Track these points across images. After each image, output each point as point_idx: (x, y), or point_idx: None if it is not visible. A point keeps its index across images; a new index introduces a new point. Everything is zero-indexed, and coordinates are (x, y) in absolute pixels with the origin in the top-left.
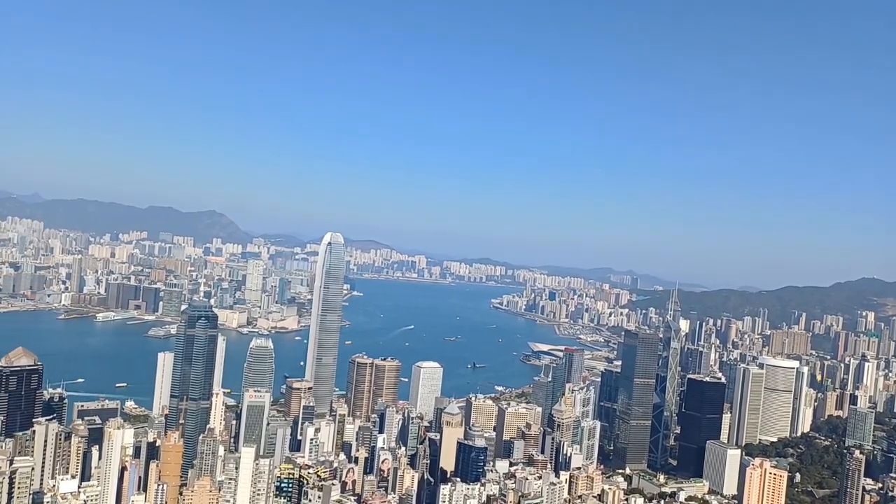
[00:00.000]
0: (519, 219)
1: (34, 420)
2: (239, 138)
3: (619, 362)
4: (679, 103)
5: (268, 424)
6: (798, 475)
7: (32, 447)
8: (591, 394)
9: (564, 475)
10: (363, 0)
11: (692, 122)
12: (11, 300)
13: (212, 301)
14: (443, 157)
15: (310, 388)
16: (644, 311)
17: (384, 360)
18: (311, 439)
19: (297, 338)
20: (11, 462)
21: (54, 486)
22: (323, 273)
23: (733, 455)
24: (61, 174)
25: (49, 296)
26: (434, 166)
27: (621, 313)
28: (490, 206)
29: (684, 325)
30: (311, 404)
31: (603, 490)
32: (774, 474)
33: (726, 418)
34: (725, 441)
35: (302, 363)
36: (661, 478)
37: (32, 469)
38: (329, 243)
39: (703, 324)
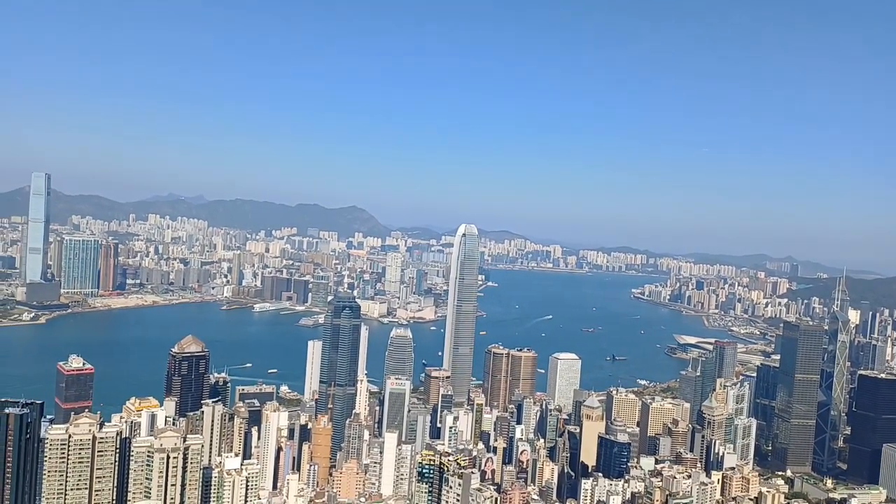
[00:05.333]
0: (661, 205)
1: (202, 402)
2: (375, 135)
3: (777, 356)
4: (845, 80)
5: (409, 411)
6: None
7: (201, 426)
8: (745, 390)
9: (716, 475)
10: None
11: (853, 99)
12: (182, 292)
13: (355, 292)
14: (576, 144)
15: (448, 377)
16: (806, 301)
17: (520, 350)
18: (450, 427)
19: (432, 328)
20: (185, 439)
21: (221, 462)
22: (458, 264)
23: None
24: (222, 177)
25: (213, 288)
26: (566, 154)
27: (779, 303)
28: (629, 193)
29: (854, 315)
30: (450, 393)
31: (761, 493)
32: None
33: None
34: None
35: (440, 353)
36: (829, 482)
37: (202, 446)
38: (463, 235)
39: (877, 314)
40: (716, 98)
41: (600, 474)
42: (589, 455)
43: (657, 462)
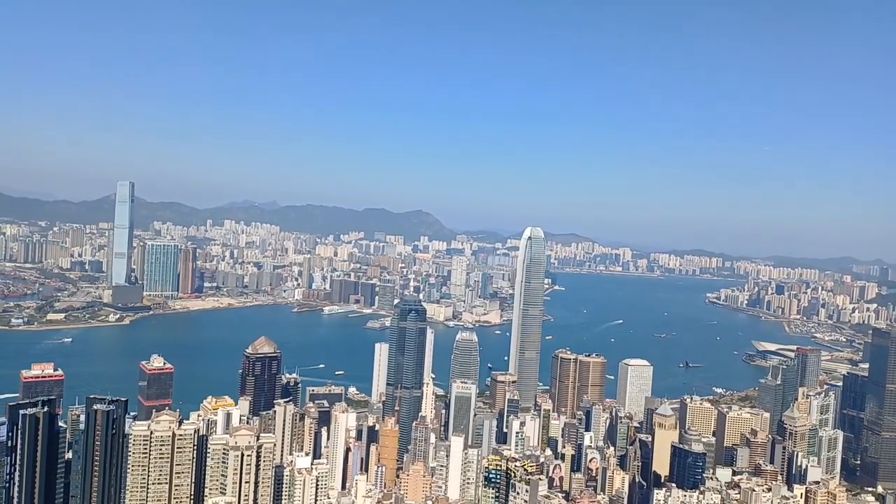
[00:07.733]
0: (737, 206)
1: (275, 401)
2: (440, 138)
3: (865, 365)
4: None
5: (475, 415)
6: None
7: (274, 426)
8: (830, 400)
9: (799, 489)
10: None
11: None
12: (255, 295)
13: (420, 295)
14: (646, 144)
15: (514, 382)
16: None
17: (589, 355)
18: (517, 433)
19: (497, 332)
20: (258, 438)
21: (292, 461)
22: (524, 267)
23: None
24: (293, 184)
25: (285, 291)
26: (636, 154)
27: (867, 309)
28: (702, 194)
29: None
30: (516, 398)
31: None
32: None
33: None
34: None
35: (505, 357)
36: None
37: (274, 445)
38: (529, 238)
39: None
40: (794, 93)
41: (674, 485)
42: (661, 465)
43: (734, 474)
